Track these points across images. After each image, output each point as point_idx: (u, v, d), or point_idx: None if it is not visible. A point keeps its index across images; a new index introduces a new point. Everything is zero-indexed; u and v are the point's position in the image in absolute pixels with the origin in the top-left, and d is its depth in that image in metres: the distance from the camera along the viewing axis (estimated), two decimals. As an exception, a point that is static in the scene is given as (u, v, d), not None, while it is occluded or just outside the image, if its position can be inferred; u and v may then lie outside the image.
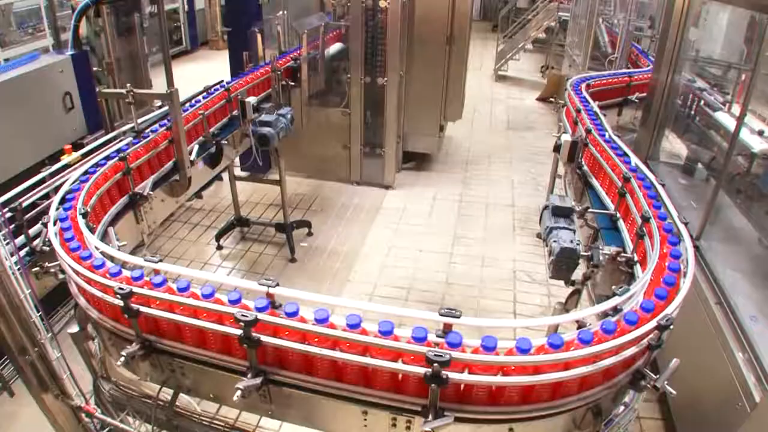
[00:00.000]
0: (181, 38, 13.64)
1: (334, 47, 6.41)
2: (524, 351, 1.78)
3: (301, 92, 5.50)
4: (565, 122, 4.53)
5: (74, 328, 2.38)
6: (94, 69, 4.19)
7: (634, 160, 3.26)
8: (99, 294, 2.07)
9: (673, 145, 5.27)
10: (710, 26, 5.03)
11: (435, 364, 1.69)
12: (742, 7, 4.04)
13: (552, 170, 5.85)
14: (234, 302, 2.00)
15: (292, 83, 5.32)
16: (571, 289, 3.38)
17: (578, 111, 4.14)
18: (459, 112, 7.52)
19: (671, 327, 1.87)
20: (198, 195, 6.02)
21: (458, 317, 1.84)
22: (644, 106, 5.29)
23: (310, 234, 6.03)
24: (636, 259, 2.70)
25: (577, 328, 2.04)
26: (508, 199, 7.02)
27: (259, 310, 1.94)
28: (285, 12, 5.85)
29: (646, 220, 2.61)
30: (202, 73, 4.68)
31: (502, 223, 6.44)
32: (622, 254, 2.74)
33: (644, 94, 5.34)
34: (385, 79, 6.36)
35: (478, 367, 1.80)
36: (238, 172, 5.83)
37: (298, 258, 5.60)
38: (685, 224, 2.62)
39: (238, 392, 1.93)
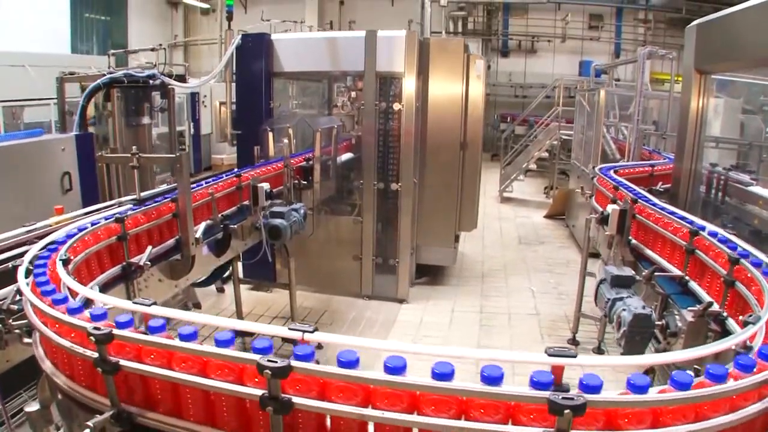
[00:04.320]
0: (185, 162, 13.88)
1: (345, 156, 6.35)
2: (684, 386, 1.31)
3: (313, 193, 5.28)
4: (597, 208, 4.28)
5: (34, 407, 1.84)
6: (98, 155, 4.00)
7: (692, 217, 2.93)
8: (68, 344, 1.59)
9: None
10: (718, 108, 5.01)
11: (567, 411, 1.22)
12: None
13: (581, 268, 5.48)
14: (263, 351, 1.47)
15: (304, 182, 5.13)
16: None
17: (615, 188, 3.89)
18: (474, 222, 7.28)
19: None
20: (196, 305, 5.56)
21: (574, 356, 1.41)
22: (669, 197, 5.08)
23: (320, 347, 5.45)
24: (725, 314, 2.25)
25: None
26: (530, 308, 6.54)
27: (297, 358, 1.44)
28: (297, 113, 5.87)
29: (734, 262, 2.20)
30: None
31: (528, 332, 5.91)
32: (710, 310, 2.28)
33: (668, 185, 5.15)
34: (399, 184, 6.19)
35: (622, 415, 1.31)
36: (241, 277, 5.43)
37: (308, 372, 4.98)
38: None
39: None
